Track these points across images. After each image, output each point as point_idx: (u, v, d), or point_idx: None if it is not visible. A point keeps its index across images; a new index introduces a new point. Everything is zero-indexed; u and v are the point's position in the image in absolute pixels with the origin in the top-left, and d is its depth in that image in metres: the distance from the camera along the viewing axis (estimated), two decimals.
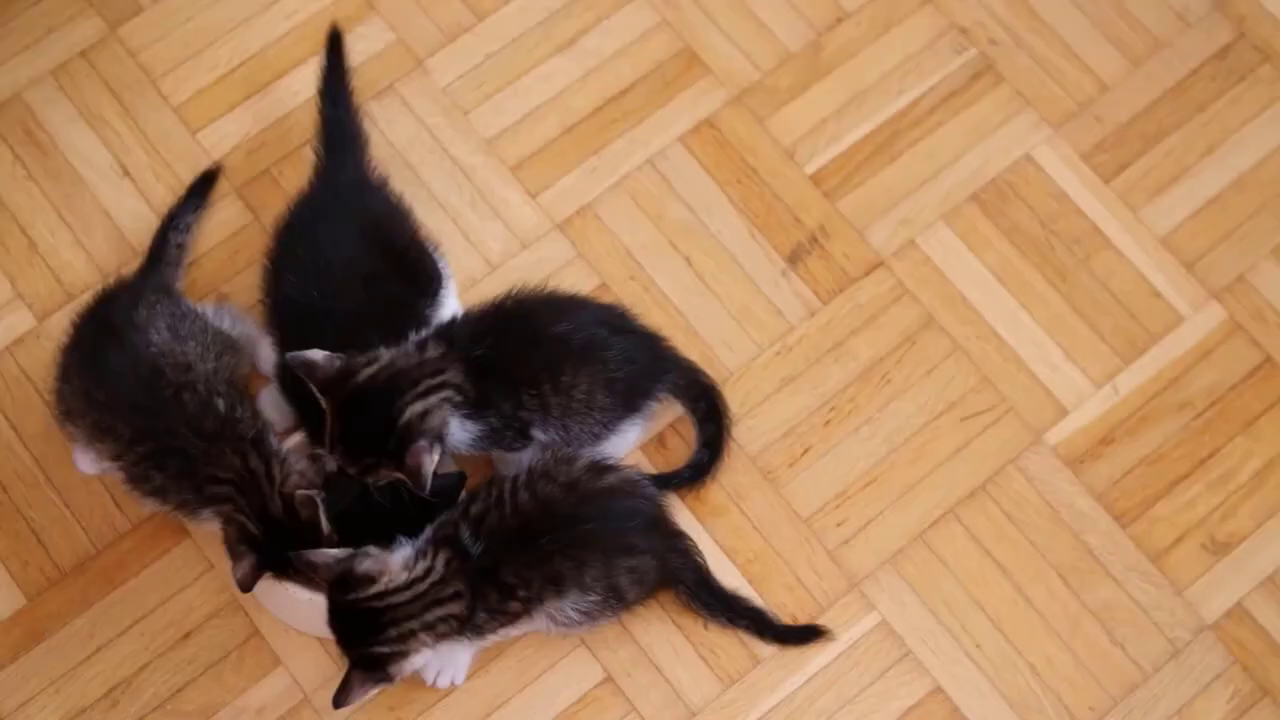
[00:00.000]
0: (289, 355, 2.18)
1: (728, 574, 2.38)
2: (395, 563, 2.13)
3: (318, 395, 2.16)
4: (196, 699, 2.34)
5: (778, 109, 2.65)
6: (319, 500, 2.16)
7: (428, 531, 2.17)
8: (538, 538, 2.16)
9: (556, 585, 2.18)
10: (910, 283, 2.55)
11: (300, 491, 2.16)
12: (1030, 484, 2.44)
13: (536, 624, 2.24)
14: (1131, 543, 2.41)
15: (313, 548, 2.14)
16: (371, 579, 2.11)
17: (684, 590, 2.32)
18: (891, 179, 2.61)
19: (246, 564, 2.16)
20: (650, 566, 2.26)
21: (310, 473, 2.22)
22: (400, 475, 2.15)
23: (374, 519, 2.21)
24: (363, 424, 2.16)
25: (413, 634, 2.12)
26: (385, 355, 2.19)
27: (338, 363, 2.16)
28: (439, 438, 2.17)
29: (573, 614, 2.21)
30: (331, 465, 2.23)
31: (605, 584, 2.21)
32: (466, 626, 2.16)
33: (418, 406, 2.16)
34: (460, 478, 2.28)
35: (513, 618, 2.19)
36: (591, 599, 2.20)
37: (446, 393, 2.18)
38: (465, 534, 2.15)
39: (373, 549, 2.14)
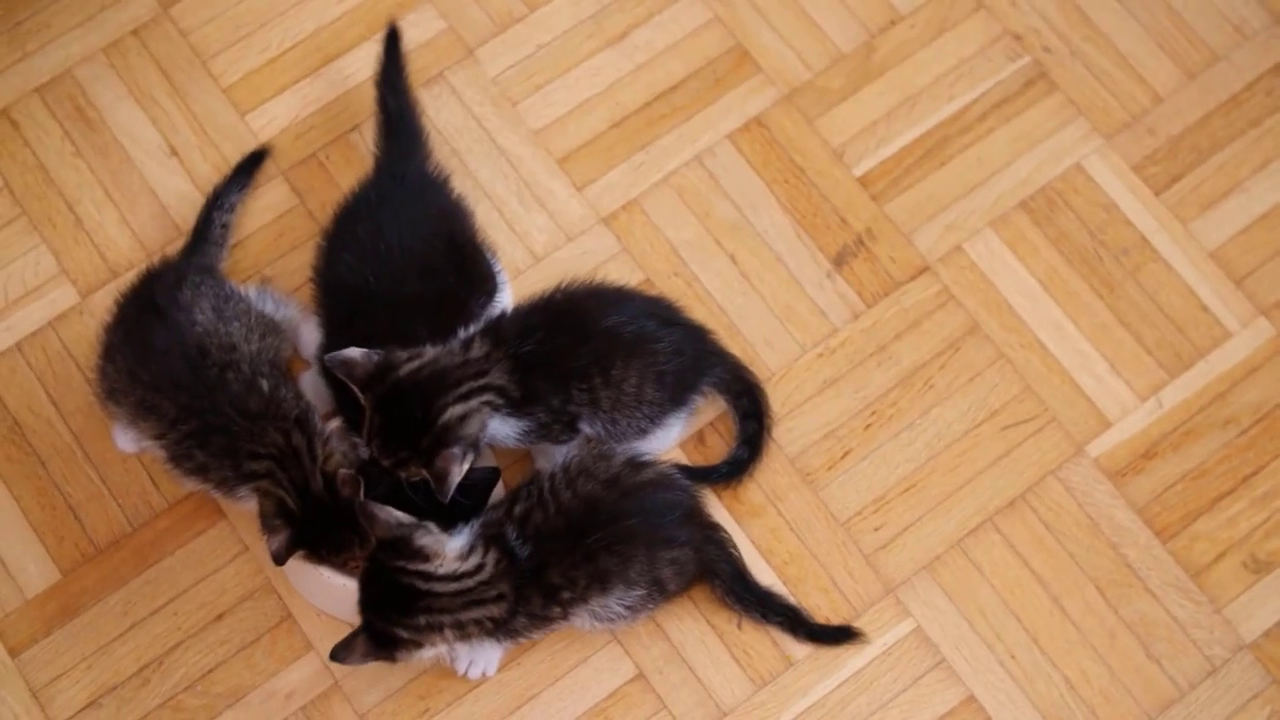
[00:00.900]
0: (327, 357, 2.17)
1: (763, 575, 2.37)
2: (452, 549, 2.12)
3: (357, 393, 2.16)
4: (227, 680, 2.33)
5: (828, 109, 2.64)
6: (360, 480, 2.15)
7: (476, 526, 2.16)
8: (583, 536, 2.15)
9: (602, 583, 2.17)
10: (956, 289, 2.54)
11: (343, 470, 2.16)
12: (1070, 495, 2.42)
13: (576, 623, 2.23)
14: (1171, 558, 2.39)
15: (350, 528, 2.13)
16: (426, 556, 2.10)
17: (720, 583, 2.31)
18: (940, 184, 2.60)
19: (282, 537, 2.16)
20: (690, 557, 2.25)
21: (351, 455, 2.22)
22: (426, 475, 2.15)
23: (405, 509, 2.20)
24: (401, 418, 2.15)
25: (439, 629, 2.11)
26: (429, 352, 2.18)
27: (375, 358, 2.16)
28: (474, 445, 2.17)
29: (618, 609, 2.20)
30: (365, 453, 2.23)
31: (649, 578, 2.20)
32: (500, 629, 2.15)
33: (458, 409, 2.15)
34: (494, 473, 2.27)
35: (551, 623, 2.19)
36: (636, 593, 2.20)
37: (488, 396, 2.17)
38: (512, 535, 2.15)
39: (434, 526, 2.13)
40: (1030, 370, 2.49)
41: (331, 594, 2.31)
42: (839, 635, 2.34)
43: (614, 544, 2.16)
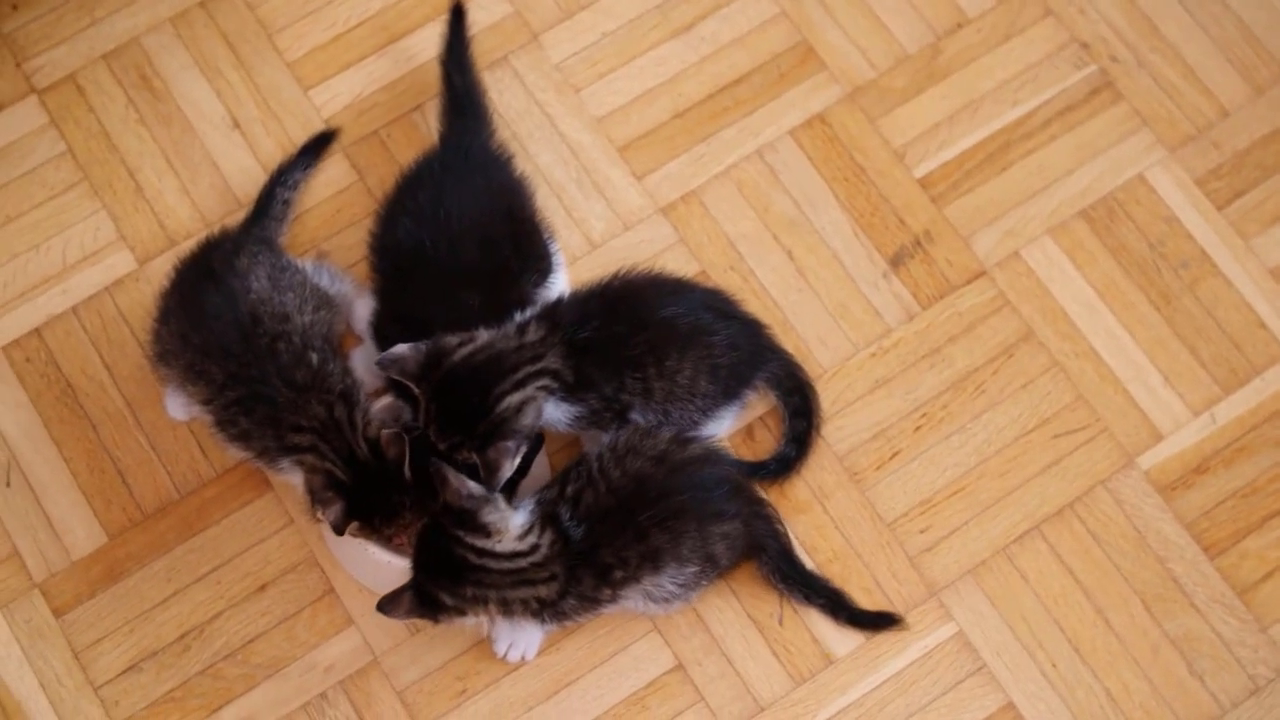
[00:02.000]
0: (377, 360, 2.18)
1: None
2: (514, 527, 2.13)
3: (413, 388, 2.16)
4: (267, 651, 2.34)
5: (891, 110, 2.63)
6: (405, 437, 2.16)
7: (535, 504, 2.16)
8: (634, 514, 2.15)
9: (654, 561, 2.17)
10: (1012, 294, 2.52)
11: (386, 430, 2.17)
12: (1119, 507, 2.41)
13: (628, 605, 2.23)
14: (1218, 574, 2.37)
15: (399, 491, 2.15)
16: (488, 532, 2.10)
17: (766, 560, 2.31)
18: (1000, 189, 2.58)
19: (337, 508, 2.16)
20: (740, 531, 2.25)
21: (390, 421, 2.22)
22: (476, 460, 2.15)
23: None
24: (457, 404, 2.15)
25: (484, 602, 2.12)
26: (483, 336, 2.18)
27: (424, 348, 2.16)
28: (528, 437, 2.17)
29: (671, 587, 2.20)
30: (409, 416, 2.23)
31: (702, 554, 2.20)
32: (547, 610, 2.15)
33: (515, 397, 2.15)
34: (538, 441, 2.26)
35: (599, 605, 2.19)
36: (689, 570, 2.19)
37: (544, 381, 2.17)
38: (566, 516, 2.15)
39: (502, 501, 2.13)
40: (1083, 379, 2.48)
41: (376, 570, 2.31)
42: (879, 621, 2.33)
43: (665, 520, 2.15)
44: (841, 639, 2.34)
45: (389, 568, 2.28)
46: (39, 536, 2.39)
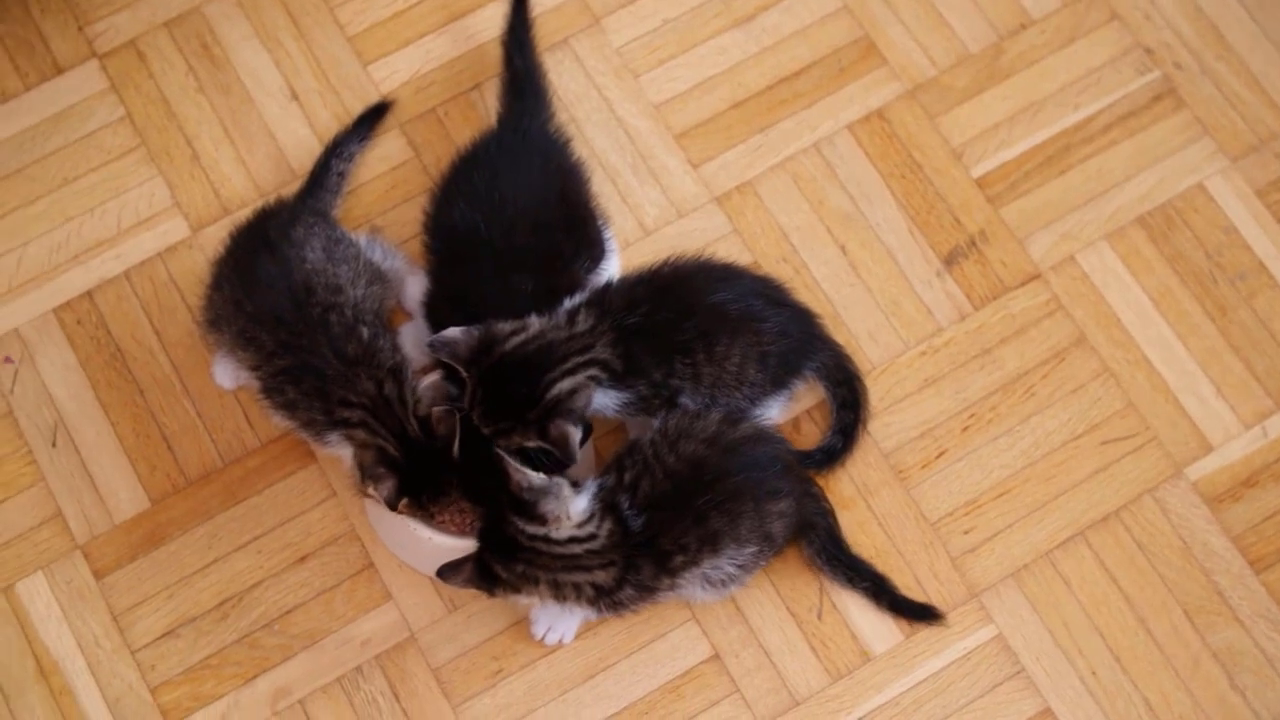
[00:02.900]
0: (428, 344, 2.18)
1: None
2: (574, 514, 2.12)
3: (462, 371, 2.15)
4: (304, 622, 2.34)
5: (950, 108, 2.61)
6: (456, 416, 2.16)
7: (596, 490, 2.16)
8: (692, 498, 2.14)
9: (713, 544, 2.16)
10: (1065, 298, 2.50)
11: (437, 409, 2.17)
12: (1165, 516, 2.39)
13: (686, 593, 2.23)
14: (1264, 589, 2.35)
15: (447, 469, 2.15)
16: (544, 520, 2.11)
17: (815, 539, 2.30)
18: (1058, 192, 2.57)
19: (390, 483, 2.16)
20: (793, 509, 2.24)
21: (439, 400, 2.22)
22: (537, 444, 2.15)
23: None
24: (507, 391, 2.15)
25: (535, 582, 2.12)
26: (535, 324, 2.18)
27: (476, 333, 2.16)
28: (582, 418, 2.16)
29: (730, 569, 2.19)
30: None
31: (759, 533, 2.19)
32: (602, 597, 2.15)
33: (565, 384, 2.15)
34: (587, 430, 2.26)
35: (656, 594, 2.18)
36: (748, 551, 2.18)
37: (593, 371, 2.17)
38: (625, 504, 2.14)
39: (567, 487, 2.13)
40: (1135, 387, 2.46)
41: (417, 546, 2.31)
42: (920, 612, 2.32)
43: (723, 503, 2.14)
44: (880, 637, 2.33)
45: (430, 545, 2.28)
46: (83, 499, 2.40)
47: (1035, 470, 2.42)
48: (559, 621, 2.30)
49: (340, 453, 2.25)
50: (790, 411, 2.42)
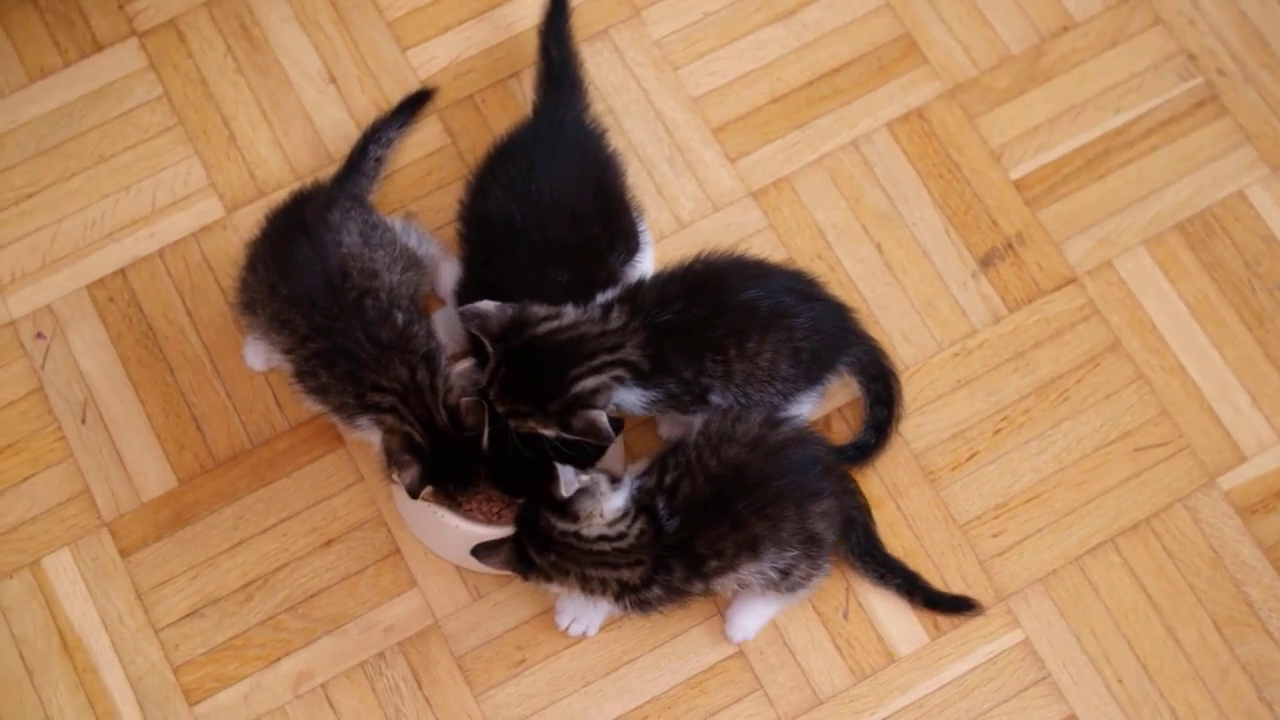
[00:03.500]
0: (460, 312, 2.17)
1: None
2: (608, 512, 2.12)
3: (488, 345, 2.15)
4: (328, 606, 2.34)
5: (990, 109, 2.60)
6: (485, 406, 2.16)
7: (634, 489, 2.15)
8: (732, 504, 2.13)
9: (753, 548, 2.15)
10: (1101, 303, 2.49)
11: (466, 399, 2.16)
12: (1196, 525, 2.37)
13: (754, 597, 2.24)
14: None
15: (475, 458, 2.15)
16: (575, 517, 2.11)
17: (850, 535, 2.29)
18: (1097, 196, 2.55)
19: (414, 471, 2.15)
20: (836, 507, 2.23)
21: (470, 389, 2.21)
22: (556, 434, 2.14)
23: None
24: (530, 376, 2.14)
25: (565, 573, 2.12)
26: (569, 315, 2.17)
27: (509, 311, 2.15)
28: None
29: (773, 574, 2.17)
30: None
31: (802, 535, 2.17)
32: (628, 594, 2.15)
33: (589, 382, 2.14)
34: (617, 427, 2.25)
35: (687, 596, 2.18)
36: (790, 554, 2.17)
37: (619, 371, 2.16)
38: (661, 505, 2.14)
39: (605, 484, 2.13)
40: (1169, 394, 2.44)
41: (443, 534, 2.30)
42: (956, 604, 2.31)
43: (764, 508, 2.13)
44: (906, 638, 2.32)
45: (457, 532, 2.27)
46: (111, 476, 2.40)
47: (1066, 475, 2.40)
48: (584, 613, 2.30)
49: (370, 437, 2.25)
50: (822, 409, 2.41)
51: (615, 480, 2.16)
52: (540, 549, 2.12)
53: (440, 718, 2.28)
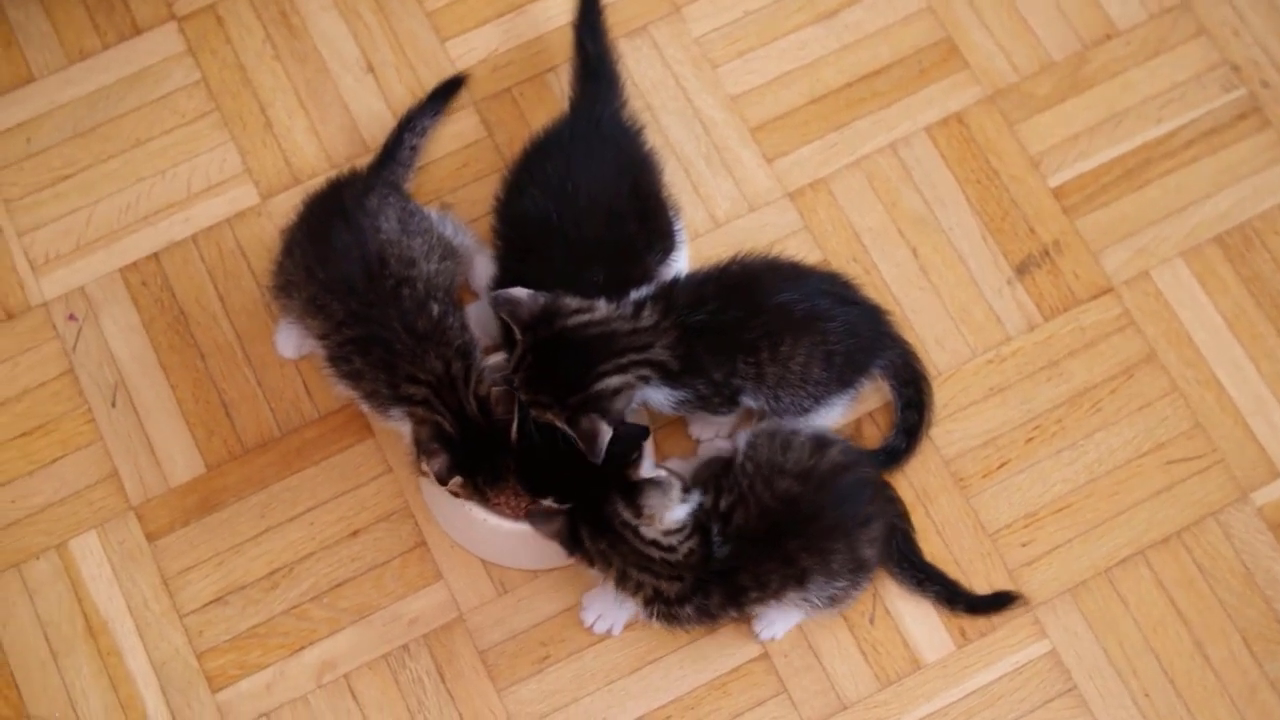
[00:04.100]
0: (491, 296, 2.16)
1: None
2: (669, 520, 2.12)
3: (517, 332, 2.14)
4: (353, 597, 2.33)
5: (1030, 115, 2.58)
6: (515, 396, 2.15)
7: (696, 505, 2.15)
8: (784, 540, 2.13)
9: (799, 581, 2.15)
10: (1137, 314, 2.47)
11: (496, 388, 2.16)
12: (1228, 540, 2.35)
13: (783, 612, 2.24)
14: None
15: (505, 451, 2.15)
16: (639, 513, 2.11)
17: (897, 542, 2.28)
18: (1135, 206, 2.53)
19: (442, 459, 2.15)
20: (884, 529, 2.22)
21: (502, 380, 2.21)
22: (567, 429, 2.13)
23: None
24: (555, 367, 2.14)
25: (609, 563, 2.13)
26: (601, 310, 2.16)
27: (541, 300, 2.14)
28: (620, 420, 2.15)
29: (817, 601, 2.17)
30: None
31: (852, 564, 2.17)
32: (659, 604, 2.14)
33: (613, 381, 2.14)
34: (644, 432, 2.24)
35: (716, 621, 2.19)
36: (839, 584, 2.17)
37: (644, 371, 2.16)
38: (715, 531, 2.13)
39: (677, 490, 2.13)
40: (1203, 407, 2.42)
41: (470, 527, 2.29)
42: (998, 602, 2.30)
43: (815, 543, 2.14)
44: (932, 645, 2.30)
45: (484, 526, 2.26)
46: (139, 460, 2.39)
47: (1098, 486, 2.39)
48: (610, 612, 2.29)
49: (402, 428, 2.24)
50: (853, 412, 2.39)
51: (686, 491, 2.15)
52: (595, 533, 2.11)
53: (463, 712, 2.28)
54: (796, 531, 2.13)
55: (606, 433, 2.12)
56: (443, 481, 2.16)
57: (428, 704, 2.28)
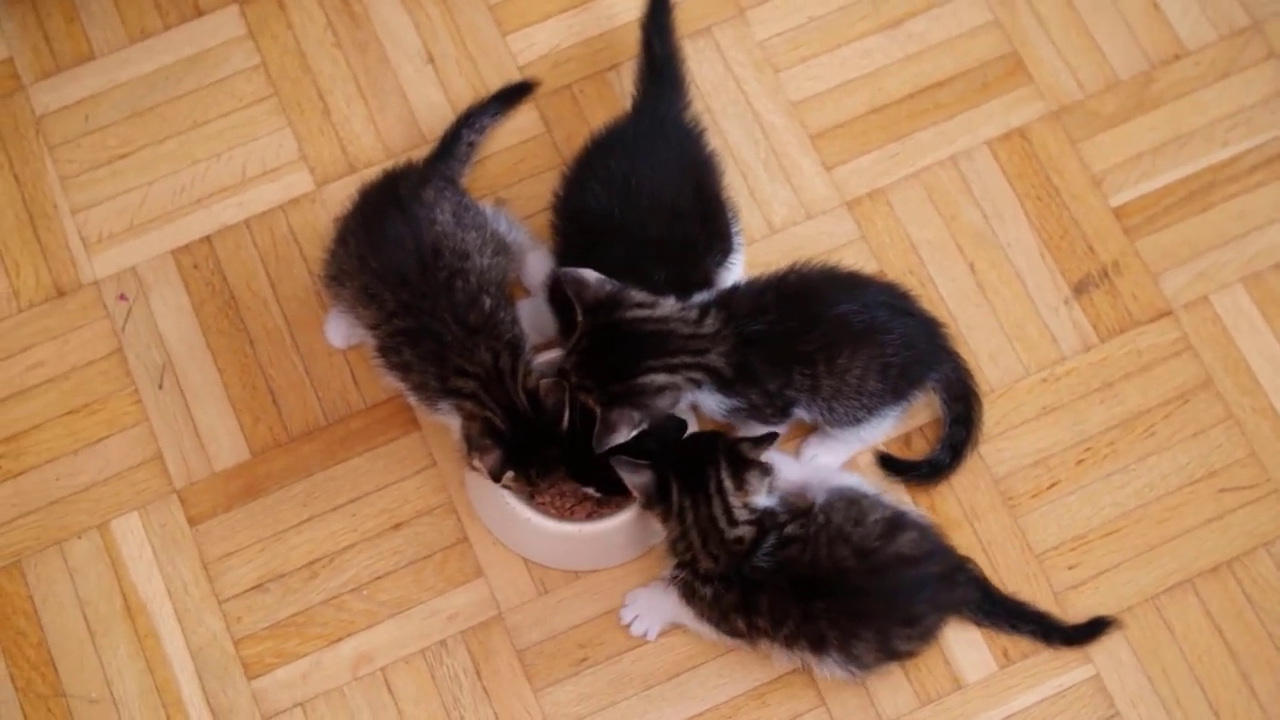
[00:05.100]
0: (562, 270, 2.15)
1: None
2: (756, 504, 2.14)
3: (579, 312, 2.14)
4: (393, 590, 2.32)
5: (1094, 134, 2.55)
6: (564, 386, 2.15)
7: (775, 502, 2.16)
8: (812, 598, 2.11)
9: (815, 645, 2.14)
10: (1195, 339, 2.44)
11: (545, 380, 2.15)
12: (1279, 572, 2.32)
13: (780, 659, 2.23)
14: None
15: (554, 440, 2.15)
16: (740, 486, 2.12)
17: (970, 610, 2.26)
18: (1197, 229, 2.50)
19: (495, 455, 2.13)
20: (934, 625, 2.20)
21: (550, 372, 2.20)
22: (597, 413, 2.13)
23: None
24: (605, 354, 2.13)
25: (683, 522, 2.13)
26: (665, 307, 2.16)
27: (608, 288, 2.13)
28: (652, 417, 2.14)
29: (838, 671, 2.17)
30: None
31: (878, 652, 2.16)
32: (688, 573, 2.16)
33: (660, 378, 2.13)
34: (681, 426, 2.23)
35: (724, 626, 2.18)
36: (853, 669, 2.16)
37: (697, 375, 2.15)
38: (769, 543, 2.13)
39: (778, 479, 2.16)
40: (1259, 436, 2.39)
41: (514, 527, 2.28)
42: (1092, 630, 2.28)
43: (840, 618, 2.12)
44: (974, 665, 2.28)
45: (528, 525, 2.25)
46: (184, 443, 2.39)
47: (1148, 511, 2.36)
48: (649, 612, 2.27)
49: (450, 421, 2.23)
50: (904, 426, 2.37)
51: (774, 486, 2.17)
52: (688, 488, 2.12)
53: (498, 710, 2.26)
54: (831, 600, 2.11)
55: (624, 434, 2.12)
56: (496, 478, 2.15)
57: (463, 701, 2.27)
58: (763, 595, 2.13)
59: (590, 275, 2.14)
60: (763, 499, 2.14)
